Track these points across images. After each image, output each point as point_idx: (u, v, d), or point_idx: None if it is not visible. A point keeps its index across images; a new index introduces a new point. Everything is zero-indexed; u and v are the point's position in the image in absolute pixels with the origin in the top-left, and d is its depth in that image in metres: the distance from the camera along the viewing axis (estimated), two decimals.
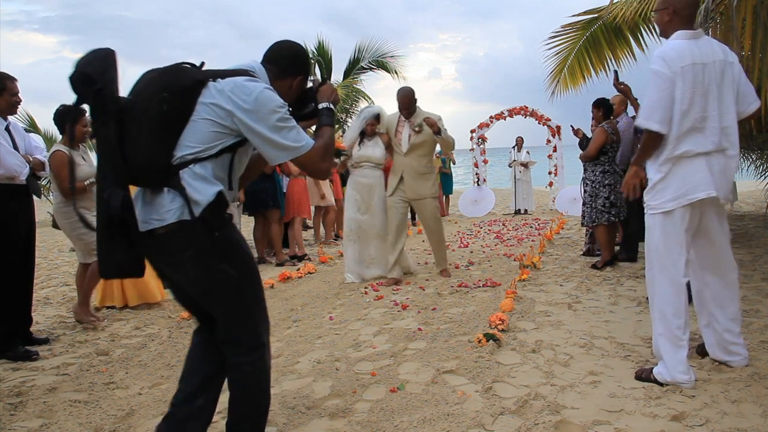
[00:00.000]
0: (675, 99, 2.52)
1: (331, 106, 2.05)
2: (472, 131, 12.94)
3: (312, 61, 14.68)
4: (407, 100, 5.14)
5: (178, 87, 1.78)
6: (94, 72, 1.73)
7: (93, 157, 4.03)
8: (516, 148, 12.13)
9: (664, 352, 2.64)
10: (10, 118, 3.80)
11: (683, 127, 2.53)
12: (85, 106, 1.82)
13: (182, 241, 1.77)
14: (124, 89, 1.85)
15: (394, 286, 5.15)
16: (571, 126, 6.19)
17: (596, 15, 7.33)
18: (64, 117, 4.04)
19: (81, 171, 4.13)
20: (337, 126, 5.69)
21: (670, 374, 2.61)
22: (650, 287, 2.72)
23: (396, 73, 14.64)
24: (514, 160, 11.98)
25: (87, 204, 4.16)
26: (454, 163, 12.61)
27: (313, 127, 2.09)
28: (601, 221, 5.60)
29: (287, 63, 2.02)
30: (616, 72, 5.20)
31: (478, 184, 12.81)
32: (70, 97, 1.79)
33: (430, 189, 5.25)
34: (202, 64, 1.92)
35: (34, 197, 3.90)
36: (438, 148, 5.51)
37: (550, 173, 12.78)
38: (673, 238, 2.60)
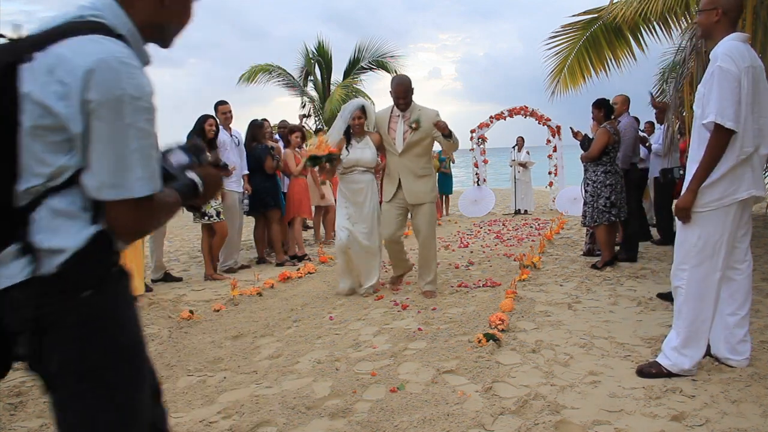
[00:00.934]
0: (741, 98, 2.55)
1: (199, 186, 1.36)
2: (472, 131, 12.94)
3: (312, 61, 14.69)
4: (403, 88, 4.54)
5: None
6: None
7: None
8: (516, 148, 12.14)
9: (681, 342, 2.70)
10: None
11: (747, 126, 2.58)
12: None
13: (28, 305, 1.12)
14: None
15: (392, 286, 5.12)
16: (571, 128, 6.17)
17: (596, 15, 7.33)
18: None
19: None
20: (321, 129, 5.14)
21: (689, 361, 2.70)
22: (688, 282, 2.72)
23: (396, 72, 14.66)
24: (513, 160, 12.00)
25: None
26: (453, 162, 12.61)
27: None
28: (602, 221, 5.61)
29: None
30: (651, 94, 5.17)
31: (478, 184, 12.81)
32: None
33: (429, 193, 4.69)
34: (18, 26, 1.17)
35: None
36: (436, 146, 5.07)
37: (550, 173, 12.78)
38: (716, 236, 2.64)
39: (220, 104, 6.29)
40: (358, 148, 4.77)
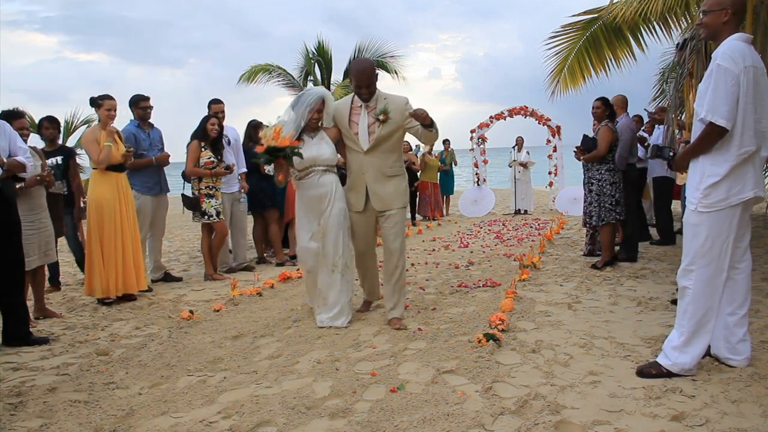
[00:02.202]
0: (740, 97, 2.57)
1: None
2: (472, 131, 12.95)
3: (312, 61, 14.69)
4: (365, 76, 3.77)
5: None
6: None
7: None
8: (516, 148, 12.16)
9: (684, 340, 2.71)
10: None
11: (746, 126, 2.59)
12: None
13: None
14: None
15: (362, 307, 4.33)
16: (575, 150, 6.05)
17: (596, 15, 7.34)
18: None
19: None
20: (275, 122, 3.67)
21: (690, 359, 2.70)
22: (695, 282, 2.72)
23: (396, 73, 14.65)
24: (514, 160, 12.01)
25: (34, 203, 4.21)
26: (455, 164, 12.59)
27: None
28: (610, 219, 5.61)
29: None
30: (647, 111, 5.15)
31: (478, 184, 12.82)
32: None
33: (400, 197, 3.91)
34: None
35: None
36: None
37: (550, 173, 12.79)
38: (723, 236, 2.66)
39: (213, 103, 6.20)
40: (312, 144, 3.89)
